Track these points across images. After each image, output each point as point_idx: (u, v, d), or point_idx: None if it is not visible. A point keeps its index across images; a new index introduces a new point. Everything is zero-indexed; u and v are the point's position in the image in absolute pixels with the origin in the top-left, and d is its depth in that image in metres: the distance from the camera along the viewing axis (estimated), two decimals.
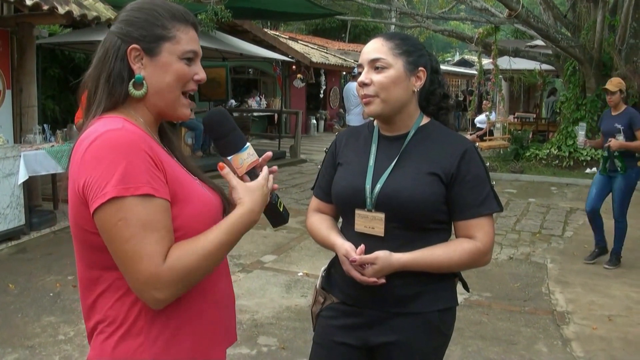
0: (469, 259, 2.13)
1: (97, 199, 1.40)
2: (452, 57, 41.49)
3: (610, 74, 13.66)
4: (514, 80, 20.81)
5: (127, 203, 1.40)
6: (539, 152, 14.78)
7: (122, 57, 1.56)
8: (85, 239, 1.50)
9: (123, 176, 1.39)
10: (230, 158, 1.70)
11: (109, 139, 1.43)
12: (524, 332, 4.98)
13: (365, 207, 2.16)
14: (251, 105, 20.29)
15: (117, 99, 1.57)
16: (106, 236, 1.43)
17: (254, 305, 5.36)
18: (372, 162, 2.20)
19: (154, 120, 1.64)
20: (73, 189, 1.47)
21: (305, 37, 29.10)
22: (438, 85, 2.25)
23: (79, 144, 1.49)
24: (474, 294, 5.73)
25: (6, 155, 6.96)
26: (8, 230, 7.05)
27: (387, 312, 2.17)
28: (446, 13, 17.14)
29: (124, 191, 1.39)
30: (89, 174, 1.41)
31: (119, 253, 1.42)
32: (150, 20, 1.58)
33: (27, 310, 5.19)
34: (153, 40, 1.57)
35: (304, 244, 7.40)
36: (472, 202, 2.12)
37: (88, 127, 1.53)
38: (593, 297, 5.85)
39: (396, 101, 2.13)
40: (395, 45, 2.14)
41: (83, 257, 1.56)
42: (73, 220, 1.51)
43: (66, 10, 7.72)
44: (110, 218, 1.40)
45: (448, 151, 2.14)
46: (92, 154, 1.42)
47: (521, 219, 9.34)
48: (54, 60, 12.23)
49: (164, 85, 1.58)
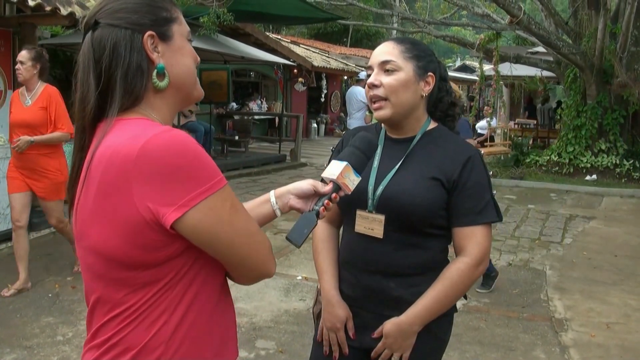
0: (468, 280, 2.13)
1: (192, 200, 1.31)
2: (453, 63, 41.58)
3: (611, 82, 13.70)
4: (515, 87, 20.82)
5: (226, 191, 1.38)
6: (539, 158, 14.79)
7: (138, 48, 1.41)
8: (136, 260, 1.37)
9: (209, 171, 1.34)
10: (346, 164, 1.74)
11: (168, 142, 1.31)
12: (522, 339, 4.98)
13: (366, 208, 2.17)
14: (252, 108, 20.29)
15: (136, 96, 1.43)
16: (217, 230, 1.36)
17: (252, 308, 5.36)
18: (376, 164, 2.20)
19: (170, 117, 1.52)
20: (124, 211, 1.32)
21: (307, 41, 29.11)
22: (446, 93, 2.26)
23: (112, 153, 1.33)
24: (472, 300, 5.73)
25: (7, 155, 6.95)
26: (8, 230, 7.01)
27: (383, 315, 2.17)
28: (448, 19, 17.16)
29: (220, 182, 1.35)
30: (160, 190, 1.30)
31: (243, 237, 1.42)
32: (152, 4, 1.47)
33: (26, 310, 5.19)
34: (164, 24, 1.47)
35: (303, 248, 7.37)
36: (470, 210, 2.12)
37: (101, 134, 1.40)
38: (591, 304, 5.85)
39: (405, 104, 2.13)
40: (406, 49, 2.14)
41: (112, 280, 1.42)
42: (120, 246, 1.36)
43: (69, 12, 7.73)
44: (219, 211, 1.35)
45: (452, 157, 2.14)
46: (154, 168, 1.29)
47: (520, 225, 9.34)
48: (56, 61, 12.22)
49: (185, 69, 1.50)
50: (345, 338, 2.25)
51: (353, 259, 2.25)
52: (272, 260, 1.51)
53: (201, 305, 1.45)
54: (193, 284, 1.43)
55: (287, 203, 1.77)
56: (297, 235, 1.66)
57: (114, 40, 1.40)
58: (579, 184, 13.34)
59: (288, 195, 1.77)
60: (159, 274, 1.39)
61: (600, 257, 7.51)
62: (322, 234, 2.40)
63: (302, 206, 1.75)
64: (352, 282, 2.23)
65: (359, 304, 2.23)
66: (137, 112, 1.44)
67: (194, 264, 1.41)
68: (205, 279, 1.45)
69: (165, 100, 1.49)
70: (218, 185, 1.34)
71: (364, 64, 26.66)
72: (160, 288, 1.40)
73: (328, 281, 2.30)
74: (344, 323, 2.25)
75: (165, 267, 1.38)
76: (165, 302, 1.41)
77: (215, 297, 1.50)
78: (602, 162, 13.86)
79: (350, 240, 2.26)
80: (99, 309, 1.46)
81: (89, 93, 1.42)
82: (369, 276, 2.19)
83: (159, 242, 1.35)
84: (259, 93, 22.02)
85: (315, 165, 15.56)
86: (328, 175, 1.74)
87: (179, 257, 1.39)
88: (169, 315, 1.41)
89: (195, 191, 1.31)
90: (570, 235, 8.79)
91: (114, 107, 1.40)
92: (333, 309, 2.25)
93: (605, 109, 14.05)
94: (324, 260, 2.35)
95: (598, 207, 11.24)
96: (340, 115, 26.29)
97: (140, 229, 1.33)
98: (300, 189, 1.76)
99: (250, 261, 1.46)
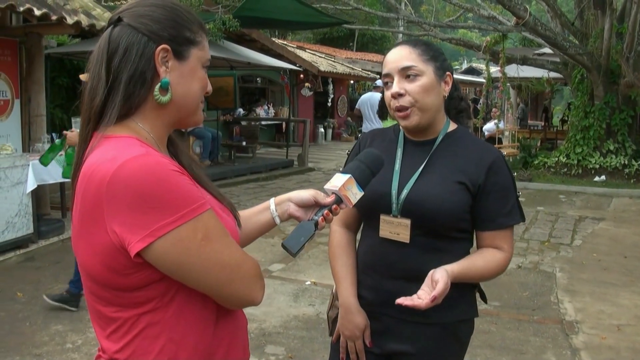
0: (499, 270, 2.14)
1: (158, 230, 1.27)
2: (459, 65, 41.56)
3: (618, 82, 13.66)
4: (522, 88, 20.78)
5: (201, 220, 1.32)
6: (548, 160, 14.75)
7: (148, 56, 1.39)
8: (113, 282, 1.35)
9: (181, 200, 1.29)
10: (349, 176, 1.71)
11: (141, 168, 1.27)
12: (532, 342, 4.95)
13: (390, 213, 2.13)
14: (259, 114, 20.33)
15: (132, 104, 1.40)
16: (184, 261, 1.31)
17: (262, 314, 5.36)
18: (398, 167, 2.16)
19: (165, 132, 1.49)
20: (98, 233, 1.31)
21: (313, 46, 29.17)
22: (454, 89, 2.23)
23: (92, 174, 1.31)
24: (482, 303, 5.70)
25: (15, 164, 6.99)
26: (17, 239, 7.07)
27: (406, 321, 2.14)
28: (454, 21, 17.14)
29: (193, 212, 1.30)
30: (128, 217, 1.27)
31: (214, 269, 1.35)
32: (178, 21, 1.44)
33: (35, 318, 5.19)
34: (183, 43, 1.44)
35: (312, 253, 7.39)
36: (498, 214, 2.10)
37: (92, 144, 1.39)
38: (602, 306, 5.82)
39: (432, 109, 2.09)
40: (422, 52, 2.09)
41: (100, 297, 1.41)
42: (97, 267, 1.35)
43: (75, 21, 7.77)
44: (187, 243, 1.30)
45: (476, 160, 2.11)
46: (124, 193, 1.26)
47: (530, 227, 9.30)
48: (63, 70, 12.27)
49: (191, 93, 1.47)
50: (363, 346, 2.23)
51: (376, 263, 2.21)
52: (256, 288, 1.44)
53: (203, 326, 1.43)
54: (189, 304, 1.40)
55: (286, 211, 1.75)
56: (293, 243, 1.60)
57: (129, 42, 1.39)
58: (588, 185, 13.31)
59: (288, 203, 1.75)
60: (145, 295, 1.36)
61: (610, 259, 7.47)
62: (340, 240, 2.35)
63: (302, 215, 1.73)
64: (373, 287, 2.20)
65: (381, 309, 2.19)
66: (127, 127, 1.41)
67: (183, 286, 1.37)
68: (203, 298, 1.41)
69: (162, 116, 1.45)
70: (190, 215, 1.30)
71: (370, 68, 26.69)
72: (152, 309, 1.37)
73: (347, 288, 2.25)
74: (363, 331, 2.22)
75: (149, 289, 1.35)
76: (162, 323, 1.38)
77: (213, 318, 1.46)
78: (610, 163, 13.82)
79: (372, 244, 2.21)
80: (97, 322, 1.45)
81: (99, 85, 1.39)
82: (391, 281, 2.15)
83: (128, 268, 1.31)
84: (265, 98, 22.07)
85: (323, 170, 15.56)
86: (330, 187, 1.71)
87: (161, 281, 1.35)
88: (168, 335, 1.39)
89: (163, 221, 1.27)
90: (580, 236, 8.75)
91: (114, 112, 1.39)
92: (352, 317, 2.22)
93: (613, 110, 14.01)
94: (342, 266, 2.30)
95: (607, 208, 11.20)
96: (347, 120, 26.28)
97: (111, 252, 1.30)
98: (300, 198, 1.74)
99: (227, 290, 1.40)
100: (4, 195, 6.85)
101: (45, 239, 7.61)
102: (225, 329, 1.49)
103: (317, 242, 7.68)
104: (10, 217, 6.94)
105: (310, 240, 1.62)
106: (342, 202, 1.69)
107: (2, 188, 6.81)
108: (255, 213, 1.77)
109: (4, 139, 8.33)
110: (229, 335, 1.50)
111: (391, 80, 2.10)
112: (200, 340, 1.43)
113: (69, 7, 8.06)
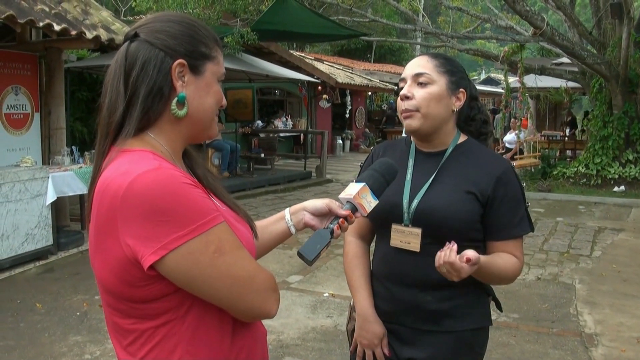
0: (515, 273, 2.15)
1: (170, 243, 1.28)
2: (478, 76, 41.47)
3: (636, 91, 13.55)
4: (540, 99, 20.67)
5: (213, 234, 1.33)
6: (567, 170, 14.65)
7: (165, 71, 1.42)
8: (127, 295, 1.37)
9: (192, 213, 1.31)
10: (363, 185, 1.72)
11: (153, 181, 1.29)
12: (552, 355, 4.91)
13: (402, 222, 2.16)
14: (277, 125, 20.38)
15: (149, 118, 1.42)
16: (195, 274, 1.33)
17: (280, 325, 5.36)
18: (409, 177, 2.20)
19: (180, 146, 1.51)
20: (112, 246, 1.33)
21: (330, 58, 29.21)
22: (478, 111, 2.29)
23: (105, 188, 1.33)
24: (501, 315, 5.66)
25: (35, 176, 7.07)
26: (36, 250, 7.14)
27: (420, 330, 2.17)
28: (471, 32, 17.11)
29: (205, 225, 1.32)
30: (141, 230, 1.28)
31: (226, 281, 1.36)
32: (194, 36, 1.47)
33: (54, 329, 5.23)
34: (199, 58, 1.47)
35: (330, 264, 7.38)
36: (508, 224, 2.14)
37: (109, 158, 1.41)
38: (622, 318, 5.75)
39: (436, 118, 2.14)
40: (439, 64, 2.16)
41: (116, 309, 1.43)
42: (111, 280, 1.37)
43: (94, 35, 7.85)
44: (198, 256, 1.31)
45: (485, 171, 2.14)
46: (137, 207, 1.28)
47: (549, 238, 9.24)
48: (82, 83, 12.42)
49: (206, 107, 1.49)
50: (382, 354, 2.25)
51: (388, 273, 2.24)
52: (270, 301, 1.44)
53: (219, 339, 1.44)
54: (205, 316, 1.41)
55: (301, 220, 1.76)
56: (309, 251, 1.59)
57: (146, 58, 1.42)
58: (607, 195, 13.20)
59: (303, 212, 1.76)
60: (160, 307, 1.37)
61: (629, 270, 7.39)
62: (354, 250, 2.38)
63: (317, 224, 1.74)
64: (386, 297, 2.23)
65: (395, 319, 2.23)
66: (143, 141, 1.43)
67: (198, 298, 1.38)
68: (220, 311, 1.42)
69: (178, 130, 1.48)
70: (202, 229, 1.31)
71: (388, 79, 26.70)
72: (168, 320, 1.38)
73: (364, 298, 2.29)
74: (381, 340, 2.24)
75: (164, 301, 1.37)
76: (178, 335, 1.39)
77: (230, 329, 1.46)
78: (630, 173, 13.69)
79: (384, 254, 2.25)
80: (114, 334, 1.46)
81: (118, 100, 1.41)
82: (404, 290, 2.18)
83: (142, 280, 1.33)
84: (283, 110, 22.12)
85: (341, 182, 15.56)
86: (345, 195, 1.72)
87: (176, 293, 1.36)
88: (185, 347, 1.39)
89: (175, 234, 1.28)
90: (599, 247, 8.67)
91: (132, 126, 1.40)
92: (370, 326, 2.25)
93: (632, 119, 13.90)
94: (358, 277, 2.33)
95: (627, 218, 11.09)
96: (365, 131, 26.28)
97: (125, 265, 1.32)
98: (315, 207, 1.75)
99: (240, 303, 1.41)
100: (24, 207, 6.94)
101: (65, 251, 7.69)
102: (242, 340, 1.49)
103: (335, 254, 7.68)
104: (30, 228, 7.01)
105: (326, 248, 1.62)
106: (357, 211, 1.70)
107: (22, 200, 6.89)
108: (270, 223, 1.79)
109: (24, 151, 8.43)
110: (247, 347, 1.50)
111: (405, 84, 2.18)
112: (218, 353, 1.43)
113: (88, 22, 8.16)
